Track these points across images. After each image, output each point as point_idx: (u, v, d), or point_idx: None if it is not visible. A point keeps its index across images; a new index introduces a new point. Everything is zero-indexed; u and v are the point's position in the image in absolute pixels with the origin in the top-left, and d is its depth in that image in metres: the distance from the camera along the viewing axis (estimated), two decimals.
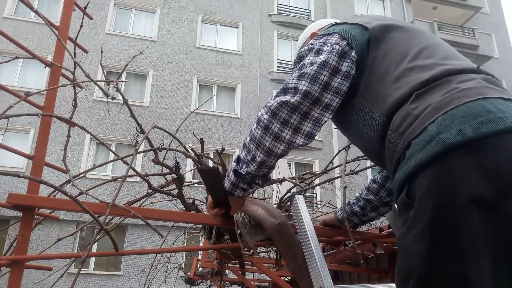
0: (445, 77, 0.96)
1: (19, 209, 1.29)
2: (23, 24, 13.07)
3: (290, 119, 1.09)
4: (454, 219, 0.79)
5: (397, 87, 1.02)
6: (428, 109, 0.90)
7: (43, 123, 1.45)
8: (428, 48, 1.08)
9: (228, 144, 13.30)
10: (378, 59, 1.10)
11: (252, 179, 1.20)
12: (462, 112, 0.85)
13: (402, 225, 0.91)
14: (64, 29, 1.60)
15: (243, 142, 1.19)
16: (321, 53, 1.12)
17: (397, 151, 0.95)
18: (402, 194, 0.90)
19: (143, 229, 11.54)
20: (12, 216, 10.81)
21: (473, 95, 0.88)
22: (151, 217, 1.34)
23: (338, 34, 1.14)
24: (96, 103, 12.63)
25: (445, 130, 0.84)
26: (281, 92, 1.13)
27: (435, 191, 0.82)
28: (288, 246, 1.34)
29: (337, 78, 1.10)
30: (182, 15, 14.96)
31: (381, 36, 1.12)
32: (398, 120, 0.97)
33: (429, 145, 0.85)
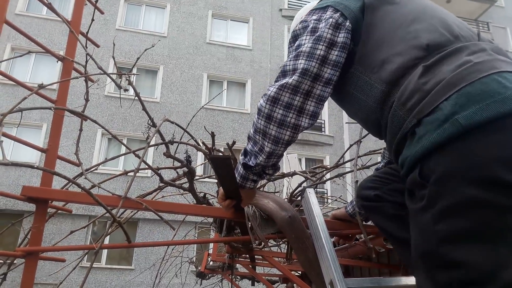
0: (452, 44, 0.93)
1: (33, 202, 1.31)
2: (35, 20, 13.21)
3: (293, 102, 1.07)
4: (471, 201, 0.78)
5: (397, 52, 0.98)
6: (440, 85, 0.86)
7: (56, 117, 1.46)
8: (426, 10, 1.05)
9: (238, 140, 13.23)
10: (374, 26, 1.07)
11: (262, 170, 1.19)
12: (477, 90, 0.81)
13: (414, 201, 0.90)
14: (76, 23, 1.61)
15: (248, 134, 1.18)
16: (316, 31, 1.09)
17: (403, 126, 0.92)
18: (414, 173, 0.88)
19: (154, 224, 11.64)
20: (25, 210, 10.99)
21: (487, 69, 0.84)
22: (162, 210, 1.35)
23: (331, 7, 1.11)
24: (107, 99, 12.73)
25: (461, 110, 0.81)
26: (280, 76, 1.11)
27: (454, 173, 0.80)
28: (299, 240, 1.33)
29: (335, 51, 1.07)
30: (192, 11, 14.96)
31: (377, 4, 1.09)
32: (406, 95, 0.92)
33: (444, 125, 0.82)
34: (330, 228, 1.42)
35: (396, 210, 1.18)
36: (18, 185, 11.17)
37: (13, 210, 11.09)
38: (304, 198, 1.41)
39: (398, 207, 1.17)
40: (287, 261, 1.93)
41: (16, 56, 1.48)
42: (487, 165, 0.77)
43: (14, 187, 11.02)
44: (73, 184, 1.51)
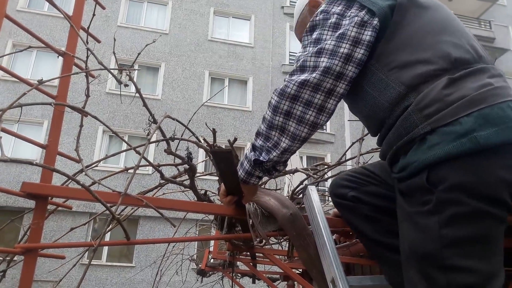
0: (476, 64, 0.97)
1: (33, 198, 1.30)
2: (37, 17, 13.20)
3: (313, 99, 1.05)
4: (477, 213, 0.87)
5: (424, 59, 0.98)
6: (464, 101, 0.90)
7: (56, 113, 1.45)
8: (454, 24, 1.06)
9: (240, 137, 13.27)
10: (401, 26, 1.04)
11: (273, 166, 1.17)
12: (495, 113, 0.88)
13: (416, 204, 0.95)
14: (77, 18, 1.60)
15: (257, 130, 1.16)
16: (339, 28, 1.06)
17: (414, 131, 0.95)
18: (419, 177, 0.93)
19: (155, 221, 11.65)
20: (26, 207, 11.00)
21: (504, 95, 0.92)
22: (163, 207, 1.33)
23: (358, 3, 1.07)
24: (108, 96, 12.72)
25: (480, 129, 0.87)
26: (298, 71, 1.08)
27: (465, 185, 0.87)
28: (300, 237, 1.32)
29: (360, 49, 1.05)
30: (194, 8, 14.93)
31: (409, 4, 1.06)
32: (426, 102, 0.94)
33: (461, 139, 0.87)
34: (332, 225, 1.40)
35: (372, 212, 1.22)
36: (18, 182, 11.13)
37: (13, 207, 11.10)
38: (305, 195, 1.40)
39: (373, 209, 1.22)
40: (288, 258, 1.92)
41: (17, 51, 1.47)
42: (495, 185, 0.87)
43: (15, 184, 11.02)
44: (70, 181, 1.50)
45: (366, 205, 1.22)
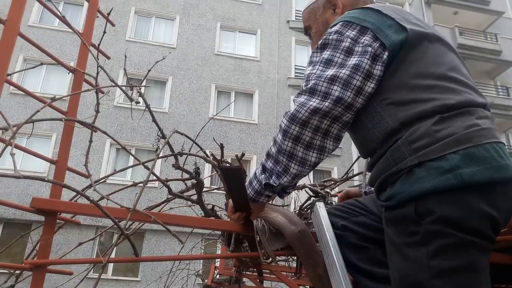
0: (467, 107, 1.01)
1: (42, 213, 1.31)
2: (47, 32, 13.44)
3: (321, 125, 1.07)
4: (462, 243, 0.91)
5: (422, 99, 1.02)
6: (451, 139, 0.95)
7: (66, 128, 1.46)
8: (455, 68, 1.09)
9: (246, 150, 13.28)
10: (405, 64, 1.06)
11: (283, 189, 1.19)
12: (480, 153, 0.94)
13: (404, 235, 0.99)
14: (88, 35, 1.63)
15: (267, 151, 1.17)
16: (352, 54, 1.07)
17: (402, 162, 0.99)
18: (407, 209, 0.97)
19: (161, 235, 11.62)
20: (34, 220, 11.04)
21: (489, 136, 0.97)
22: (170, 223, 1.33)
23: (372, 32, 1.08)
24: (116, 109, 12.84)
25: (464, 166, 0.92)
26: (307, 92, 1.07)
27: (450, 219, 0.92)
28: (308, 255, 1.31)
29: (371, 83, 1.06)
30: (201, 22, 15.13)
31: (417, 42, 1.08)
32: (415, 136, 0.99)
33: (447, 175, 0.92)
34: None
35: (359, 241, 1.24)
36: (27, 195, 11.23)
37: (21, 220, 11.14)
38: (313, 212, 1.39)
39: (362, 238, 1.24)
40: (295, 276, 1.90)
41: (28, 68, 1.49)
42: (479, 219, 0.92)
43: (24, 197, 11.09)
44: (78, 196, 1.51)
45: (354, 234, 1.25)
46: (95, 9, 1.71)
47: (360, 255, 1.24)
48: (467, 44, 17.22)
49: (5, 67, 1.27)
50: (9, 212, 11.06)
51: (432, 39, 1.11)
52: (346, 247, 1.26)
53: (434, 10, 18.15)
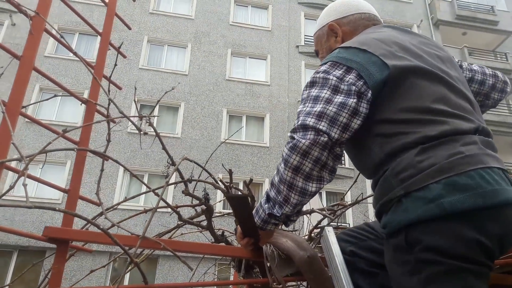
0: (450, 135, 1.03)
1: (54, 242, 1.33)
2: (63, 62, 13.84)
3: (321, 157, 1.09)
4: (452, 269, 0.92)
5: (404, 132, 1.06)
6: (433, 168, 0.98)
7: (78, 157, 1.50)
8: (442, 101, 1.10)
9: (257, 173, 13.31)
10: (389, 99, 1.11)
11: (287, 218, 1.21)
12: (463, 180, 0.94)
13: (399, 264, 1.01)
14: (99, 67, 1.68)
15: (271, 179, 1.19)
16: (338, 91, 1.12)
17: (391, 193, 1.02)
18: (399, 238, 1.00)
19: (174, 260, 11.54)
20: (47, 247, 11.09)
21: (474, 163, 0.97)
22: (181, 250, 1.34)
23: (355, 71, 1.12)
24: (129, 136, 13.02)
25: (447, 195, 0.93)
26: (300, 128, 1.11)
27: (437, 247, 0.93)
28: (318, 280, 1.30)
29: (357, 120, 1.11)
30: (212, 49, 15.44)
31: (399, 78, 1.11)
32: (400, 167, 1.02)
33: (430, 205, 0.94)
34: None
35: (368, 266, 1.26)
36: (41, 222, 11.34)
37: (35, 247, 11.21)
38: (323, 236, 1.39)
39: (370, 264, 1.26)
40: None
41: (43, 100, 1.55)
42: (466, 246, 0.92)
43: (38, 224, 11.19)
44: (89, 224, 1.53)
45: (362, 259, 1.27)
46: (107, 42, 1.77)
47: (370, 280, 1.24)
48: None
49: (20, 100, 1.32)
50: (24, 240, 11.14)
51: (418, 72, 1.13)
52: (356, 273, 1.26)
53: (443, 32, 18.23)
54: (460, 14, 18.29)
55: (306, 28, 17.00)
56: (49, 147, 1.27)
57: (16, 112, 1.28)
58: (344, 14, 1.41)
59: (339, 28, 1.40)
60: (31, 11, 1.39)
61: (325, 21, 1.44)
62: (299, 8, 17.24)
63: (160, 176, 12.46)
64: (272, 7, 16.85)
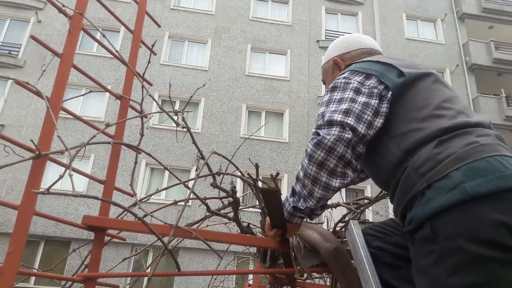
0: (464, 128, 1.08)
1: (92, 230, 1.41)
2: (86, 57, 14.14)
3: (346, 154, 1.14)
4: (478, 258, 0.92)
5: (419, 128, 1.12)
6: (451, 158, 1.02)
7: (114, 151, 1.58)
8: (449, 100, 1.19)
9: (277, 169, 13.31)
10: (403, 101, 1.20)
11: (311, 211, 1.26)
12: (482, 166, 0.98)
13: (424, 255, 1.03)
14: (132, 64, 1.75)
15: (296, 174, 1.24)
16: (360, 93, 1.20)
17: (414, 188, 1.06)
18: (424, 230, 1.02)
19: (194, 253, 11.73)
20: (72, 238, 11.43)
21: (490, 151, 1.02)
22: (210, 239, 1.40)
23: (376, 77, 1.22)
24: (151, 130, 13.24)
25: (468, 180, 0.97)
26: (326, 125, 1.16)
27: (462, 233, 0.95)
28: (343, 272, 1.34)
29: (379, 119, 1.19)
30: (232, 45, 15.50)
31: (413, 82, 1.22)
32: (420, 161, 1.06)
33: (453, 191, 0.97)
34: None
35: (393, 260, 1.29)
36: (66, 213, 11.69)
37: (61, 237, 11.57)
38: (348, 229, 1.43)
39: (395, 257, 1.29)
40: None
41: (81, 94, 1.63)
42: (492, 228, 0.92)
43: (63, 215, 11.53)
44: (124, 213, 1.61)
45: (387, 253, 1.31)
46: (139, 39, 1.84)
47: (394, 273, 1.28)
48: (504, 58, 16.72)
49: (61, 96, 1.40)
50: (50, 230, 11.52)
51: (428, 78, 1.24)
52: (380, 266, 1.30)
53: (468, 25, 17.78)
54: (486, 7, 17.79)
55: (327, 23, 16.87)
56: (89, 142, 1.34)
57: (58, 107, 1.36)
58: (347, 50, 1.53)
59: (342, 63, 1.52)
60: (70, 10, 1.46)
61: (330, 56, 1.56)
62: (320, 2, 17.10)
63: (181, 170, 12.64)
64: (292, 2, 16.77)
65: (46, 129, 1.28)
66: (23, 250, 1.14)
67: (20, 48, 14.27)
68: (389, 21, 17.07)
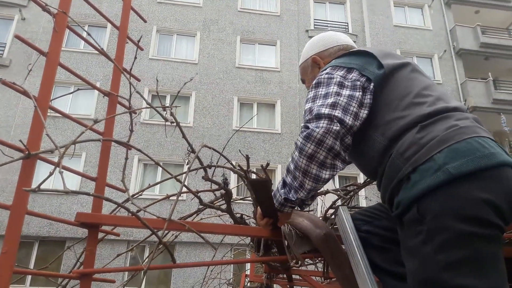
0: (444, 113, 1.13)
1: (85, 227, 1.42)
2: (73, 54, 13.99)
3: (334, 146, 1.17)
4: (463, 235, 0.97)
5: (402, 116, 1.16)
6: (434, 141, 1.06)
7: (104, 148, 1.58)
8: (427, 87, 1.24)
9: (270, 160, 13.34)
10: (384, 92, 1.24)
11: (302, 202, 1.29)
12: (463, 147, 1.04)
13: (413, 236, 1.07)
14: (119, 61, 1.76)
15: (287, 166, 1.27)
16: (344, 86, 1.24)
17: (400, 173, 1.10)
18: (412, 211, 1.06)
19: (190, 247, 11.78)
20: (67, 237, 11.41)
21: (470, 133, 1.08)
22: (204, 231, 1.42)
23: (357, 70, 1.26)
24: (143, 126, 13.18)
25: (450, 161, 1.02)
26: (314, 119, 1.20)
27: (447, 211, 1.00)
28: (334, 256, 1.38)
29: (364, 110, 1.23)
30: (221, 37, 15.42)
31: (391, 73, 1.26)
32: (404, 147, 1.11)
33: (437, 173, 1.02)
34: None
35: (382, 243, 1.33)
36: (60, 212, 11.64)
37: (55, 237, 11.54)
38: (337, 215, 1.46)
39: (384, 240, 1.33)
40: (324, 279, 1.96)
41: (68, 93, 1.63)
42: (475, 205, 0.98)
43: (57, 214, 11.48)
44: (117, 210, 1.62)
45: (377, 236, 1.35)
46: (125, 35, 1.84)
47: (384, 256, 1.32)
48: (491, 42, 16.82)
49: (48, 95, 1.40)
50: (44, 231, 11.48)
51: (406, 67, 1.29)
52: (370, 249, 1.33)
53: (455, 11, 17.86)
54: None
55: (316, 12, 16.83)
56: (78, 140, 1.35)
57: (46, 106, 1.36)
58: (325, 47, 1.56)
59: (321, 60, 1.55)
60: (54, 9, 1.46)
61: (308, 55, 1.60)
62: None
63: (174, 165, 12.63)
64: None
65: (35, 128, 1.29)
66: (17, 249, 1.15)
67: (5, 47, 14.06)
68: (377, 9, 17.08)
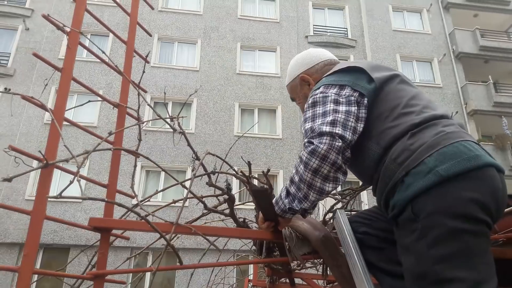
0: (432, 120, 1.23)
1: (98, 231, 1.51)
2: (76, 63, 13.99)
3: (337, 160, 1.26)
4: (454, 231, 1.07)
5: (393, 125, 1.26)
6: (423, 146, 1.16)
7: (114, 156, 1.68)
8: (415, 97, 1.34)
9: (272, 165, 13.47)
10: (376, 104, 1.34)
11: (304, 211, 1.38)
12: (450, 151, 1.14)
13: (408, 234, 1.16)
14: (127, 73, 1.85)
15: (291, 177, 1.35)
16: (339, 103, 1.32)
17: (394, 177, 1.19)
18: (407, 211, 1.15)
19: (193, 253, 11.82)
20: (71, 244, 11.49)
21: (456, 137, 1.18)
22: (209, 234, 1.51)
23: (349, 87, 1.35)
24: (145, 133, 13.25)
25: (440, 164, 1.12)
26: (316, 137, 1.27)
27: (439, 210, 1.10)
28: (332, 257, 1.46)
29: (360, 124, 1.31)
30: (222, 44, 15.57)
31: (381, 86, 1.35)
32: (396, 153, 1.20)
33: (428, 175, 1.12)
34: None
35: (378, 243, 1.42)
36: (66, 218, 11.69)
37: (59, 245, 11.62)
38: (335, 218, 1.54)
39: (380, 241, 1.41)
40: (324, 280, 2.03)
41: (79, 105, 1.72)
42: (461, 204, 1.08)
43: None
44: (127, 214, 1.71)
45: (374, 237, 1.43)
46: (132, 49, 1.95)
47: (380, 255, 1.40)
48: (490, 45, 16.92)
49: (63, 107, 1.50)
50: (48, 238, 11.55)
51: (395, 79, 1.38)
52: (367, 249, 1.42)
53: (453, 14, 17.98)
54: None
55: (315, 18, 16.99)
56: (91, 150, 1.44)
57: (61, 118, 1.46)
58: (310, 65, 1.63)
59: (309, 78, 1.62)
60: (67, 28, 1.56)
61: (295, 74, 1.67)
62: None
63: (176, 171, 12.72)
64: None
65: (52, 139, 1.38)
66: (37, 251, 1.24)
67: (9, 57, 14.22)
68: (375, 13, 17.23)
